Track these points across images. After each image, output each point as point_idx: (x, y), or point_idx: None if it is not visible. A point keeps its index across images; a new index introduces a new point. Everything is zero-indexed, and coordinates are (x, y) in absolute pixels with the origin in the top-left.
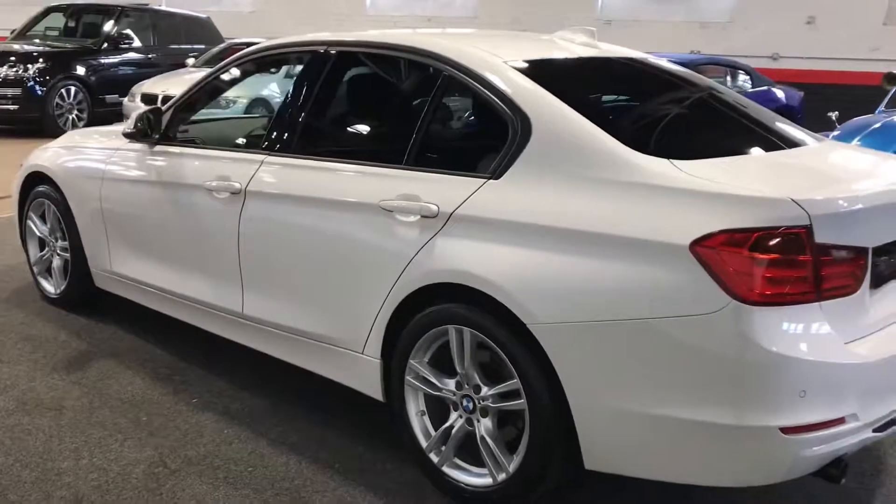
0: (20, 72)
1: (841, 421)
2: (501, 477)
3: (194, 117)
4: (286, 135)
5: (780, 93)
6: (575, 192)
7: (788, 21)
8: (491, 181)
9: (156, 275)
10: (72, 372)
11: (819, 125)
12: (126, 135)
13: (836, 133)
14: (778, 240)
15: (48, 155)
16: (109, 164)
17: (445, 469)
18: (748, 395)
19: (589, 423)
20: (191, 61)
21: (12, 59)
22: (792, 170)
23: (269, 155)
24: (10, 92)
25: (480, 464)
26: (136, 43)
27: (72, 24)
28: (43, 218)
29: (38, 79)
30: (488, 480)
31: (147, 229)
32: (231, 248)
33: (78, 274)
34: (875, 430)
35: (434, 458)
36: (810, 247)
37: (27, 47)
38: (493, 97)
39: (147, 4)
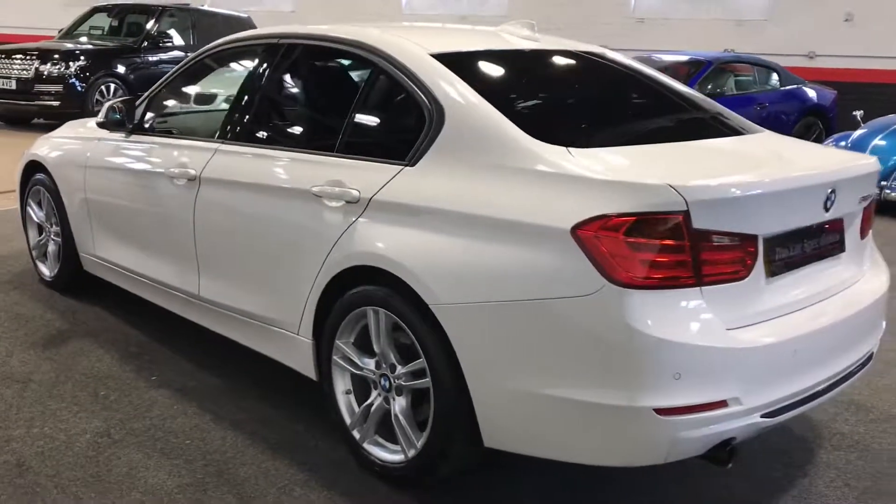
0: (62, 69)
1: (722, 404)
2: (411, 453)
3: (169, 109)
4: (236, 124)
5: (811, 92)
6: (478, 179)
7: (826, 18)
8: (407, 168)
9: (130, 259)
10: (48, 349)
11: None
12: (99, 125)
13: (861, 131)
14: (654, 225)
15: (45, 144)
16: (92, 153)
17: (366, 445)
18: (622, 376)
19: (485, 401)
20: None
21: (56, 56)
22: (691, 159)
23: (223, 143)
24: (52, 88)
25: (396, 441)
26: (177, 42)
27: (115, 23)
28: (40, 204)
29: (79, 76)
30: (401, 457)
31: (122, 215)
32: (188, 233)
33: (68, 258)
34: (765, 416)
35: (356, 434)
36: (688, 232)
37: (70, 45)
38: (414, 86)
39: (188, 4)
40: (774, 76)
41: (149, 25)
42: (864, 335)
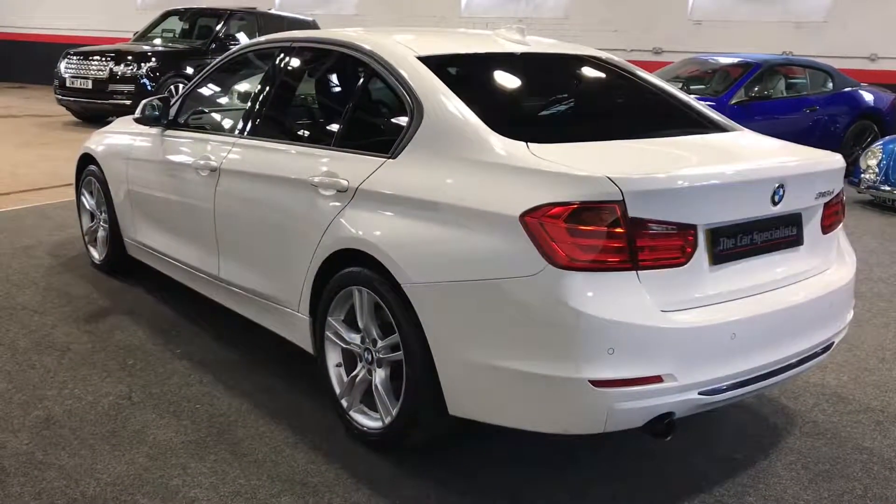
0: (134, 70)
1: (657, 379)
2: (388, 420)
3: (198, 106)
4: (251, 120)
5: (867, 95)
6: (446, 170)
7: (889, 20)
8: (389, 160)
9: (164, 243)
10: (89, 323)
11: None
12: (136, 120)
13: None
14: (592, 213)
15: (97, 138)
16: (133, 146)
17: (352, 413)
18: (560, 350)
19: (448, 373)
20: None
21: (129, 58)
22: (642, 154)
23: (240, 138)
24: (125, 88)
25: (377, 409)
26: (243, 43)
27: (186, 26)
28: (92, 194)
29: (149, 76)
30: (379, 424)
31: (157, 203)
32: (210, 219)
33: (114, 243)
34: (704, 394)
35: (344, 403)
36: (624, 220)
37: (143, 47)
38: (400, 86)
39: (255, 8)
40: (828, 79)
41: (217, 28)
42: (820, 325)
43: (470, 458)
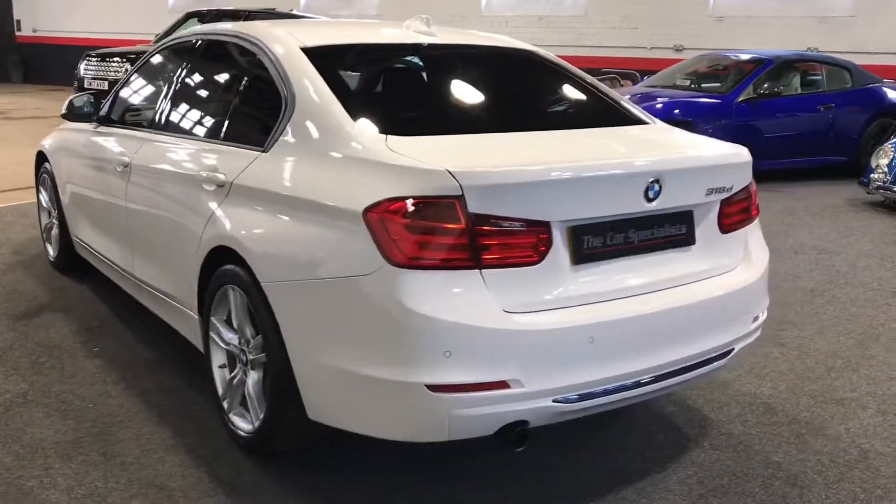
0: None
1: (502, 385)
2: (257, 424)
3: (125, 103)
4: (158, 115)
5: (890, 92)
6: (307, 164)
7: None
8: (262, 154)
9: (95, 240)
10: (20, 320)
11: None
12: (62, 115)
13: None
14: (430, 208)
15: (50, 135)
16: (71, 143)
17: (231, 415)
18: (396, 353)
19: (303, 375)
20: None
21: None
22: (511, 147)
23: (148, 133)
24: None
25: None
26: None
27: None
28: (46, 191)
29: None
30: (251, 426)
31: (87, 200)
32: (124, 216)
33: (63, 240)
34: (560, 401)
35: (225, 405)
36: (464, 216)
37: None
38: (280, 78)
39: (274, 9)
40: (847, 75)
41: None
42: (712, 330)
43: (343, 464)
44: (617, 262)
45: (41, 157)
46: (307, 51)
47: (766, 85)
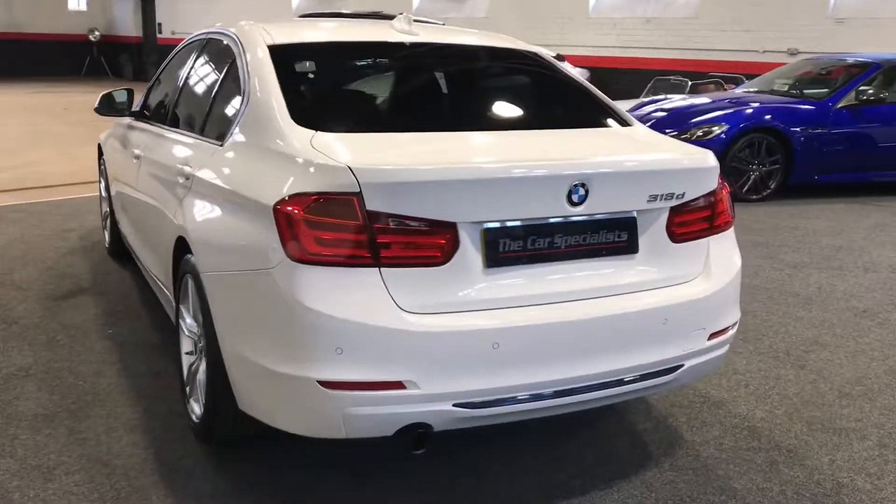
0: None
1: (397, 385)
2: (200, 411)
3: (151, 98)
4: (167, 110)
5: None
6: (246, 157)
7: None
8: (219, 148)
9: (126, 228)
10: (55, 300)
11: None
12: (95, 110)
13: None
14: (330, 204)
15: (107, 130)
16: (116, 137)
17: (190, 401)
18: (292, 347)
19: (230, 366)
20: None
21: None
22: (437, 146)
23: (156, 126)
24: None
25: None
26: None
27: None
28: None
29: None
30: (200, 413)
31: (122, 191)
32: (135, 205)
33: (114, 229)
34: (462, 406)
35: (188, 391)
36: (362, 213)
37: None
38: (244, 74)
39: (380, 12)
40: None
41: None
42: (647, 344)
43: (294, 457)
44: (539, 268)
45: (100, 150)
46: (273, 48)
47: (870, 91)
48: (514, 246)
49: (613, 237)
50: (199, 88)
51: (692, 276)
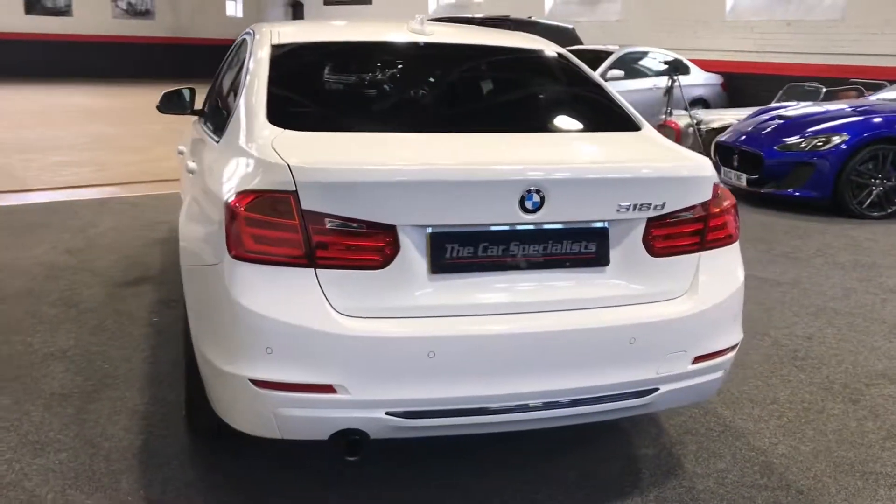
0: None
1: (328, 389)
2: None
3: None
4: (204, 107)
5: None
6: (225, 155)
7: None
8: (216, 145)
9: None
10: (119, 286)
11: None
12: (157, 107)
13: None
14: (267, 203)
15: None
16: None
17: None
18: (228, 344)
19: (198, 359)
20: None
21: None
22: (397, 148)
23: (199, 123)
24: None
25: None
26: None
27: None
28: None
29: None
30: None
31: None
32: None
33: None
34: (395, 415)
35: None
36: (298, 212)
37: None
38: (245, 71)
39: (507, 16)
40: None
41: None
42: (612, 364)
43: (272, 455)
44: (492, 277)
45: None
46: (274, 48)
47: None
48: (463, 252)
49: (580, 248)
50: (221, 87)
51: (676, 294)
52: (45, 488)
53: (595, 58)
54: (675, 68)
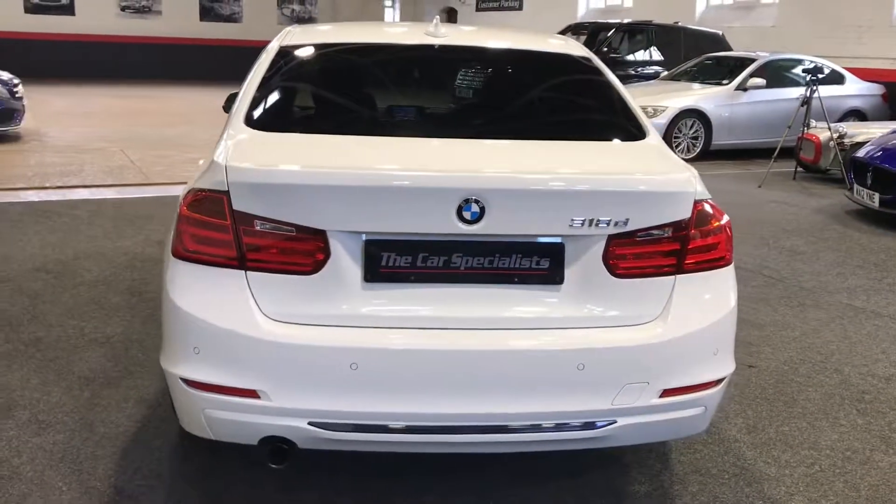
0: None
1: (251, 394)
2: None
3: None
4: None
5: None
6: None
7: None
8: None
9: None
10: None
11: None
12: (223, 107)
13: None
14: (203, 202)
15: None
16: None
17: None
18: (167, 342)
19: None
20: (663, 73)
21: None
22: (354, 151)
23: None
24: None
25: None
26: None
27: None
28: None
29: None
30: None
31: None
32: None
33: None
34: (317, 426)
35: None
36: (230, 213)
37: None
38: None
39: (651, 21)
40: None
41: (602, 39)
42: (559, 391)
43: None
44: (430, 289)
45: None
46: (280, 50)
47: None
48: (401, 262)
49: (531, 264)
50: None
51: (643, 319)
52: (28, 467)
53: (738, 65)
54: (815, 75)
